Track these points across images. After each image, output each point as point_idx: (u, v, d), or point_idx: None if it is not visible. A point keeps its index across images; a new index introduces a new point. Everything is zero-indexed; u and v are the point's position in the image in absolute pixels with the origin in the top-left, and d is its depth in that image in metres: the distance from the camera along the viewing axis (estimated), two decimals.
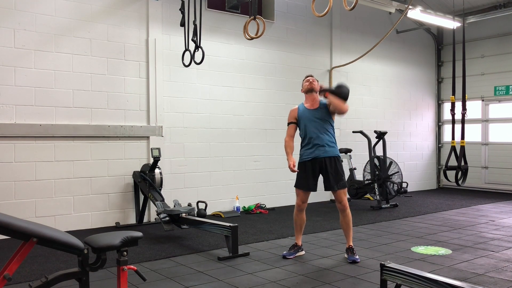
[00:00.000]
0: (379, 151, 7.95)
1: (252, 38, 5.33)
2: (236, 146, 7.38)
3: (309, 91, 4.58)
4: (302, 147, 4.57)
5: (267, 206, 7.52)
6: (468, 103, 6.21)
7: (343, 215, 4.46)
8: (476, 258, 4.42)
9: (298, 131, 4.66)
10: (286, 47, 7.97)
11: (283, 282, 3.76)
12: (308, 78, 4.65)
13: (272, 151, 7.79)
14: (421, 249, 4.80)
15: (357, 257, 4.37)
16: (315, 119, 4.48)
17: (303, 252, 4.66)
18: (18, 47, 5.52)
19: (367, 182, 7.75)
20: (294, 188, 4.59)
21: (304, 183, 4.50)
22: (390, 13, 9.01)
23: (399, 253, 4.68)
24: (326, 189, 4.53)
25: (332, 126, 4.56)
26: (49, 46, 5.71)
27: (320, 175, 4.52)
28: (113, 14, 6.19)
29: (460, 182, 6.10)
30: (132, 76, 6.34)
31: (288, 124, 4.66)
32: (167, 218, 5.30)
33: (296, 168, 4.45)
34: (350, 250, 4.45)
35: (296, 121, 4.61)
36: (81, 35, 5.94)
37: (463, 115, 6.07)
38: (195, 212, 6.01)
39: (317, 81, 4.66)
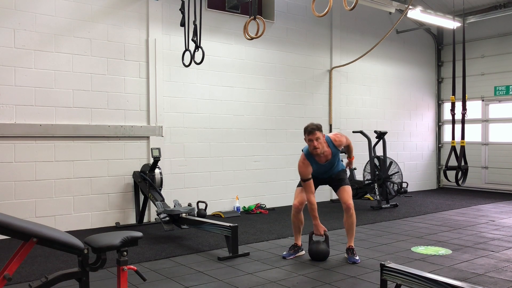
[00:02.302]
0: (379, 151, 7.95)
1: (252, 38, 5.32)
2: (236, 146, 7.38)
3: (316, 155, 4.34)
4: None
5: (267, 206, 7.52)
6: (468, 103, 6.20)
7: (348, 215, 4.44)
8: (476, 258, 4.42)
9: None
10: (286, 47, 7.97)
11: (283, 282, 3.76)
12: (311, 137, 4.22)
13: (272, 151, 7.79)
14: (421, 249, 4.80)
15: (357, 258, 4.37)
16: (327, 169, 4.50)
17: (303, 252, 4.65)
18: (18, 47, 5.51)
19: (367, 182, 7.75)
20: (296, 188, 4.60)
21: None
22: (390, 13, 9.01)
23: (399, 253, 4.68)
24: (335, 190, 4.62)
25: (339, 158, 4.58)
26: (49, 46, 5.71)
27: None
28: (113, 14, 6.19)
29: (460, 182, 6.09)
30: (132, 76, 6.34)
31: (305, 180, 4.33)
32: (167, 218, 5.30)
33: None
34: (350, 250, 4.44)
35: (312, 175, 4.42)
36: (81, 35, 5.94)
37: (463, 115, 6.06)
38: (195, 212, 6.01)
39: (319, 129, 4.24)
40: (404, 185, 7.98)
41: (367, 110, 9.20)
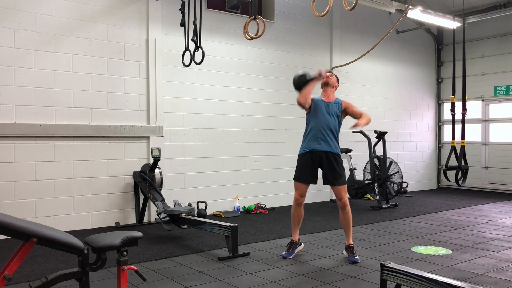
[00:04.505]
0: (379, 151, 7.95)
1: (252, 38, 5.33)
2: (236, 146, 7.38)
3: (324, 85, 4.61)
4: (304, 139, 4.58)
5: (267, 206, 7.52)
6: (468, 103, 6.22)
7: (343, 212, 4.45)
8: (476, 258, 4.42)
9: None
10: (286, 47, 7.97)
11: (283, 282, 3.76)
12: (327, 73, 4.68)
13: (272, 151, 7.79)
14: (421, 249, 4.80)
15: (357, 257, 4.37)
16: (326, 113, 4.49)
17: (302, 246, 4.66)
18: (18, 47, 5.51)
19: (367, 182, 7.75)
20: (293, 181, 4.57)
21: (303, 176, 4.50)
22: (390, 13, 9.01)
23: (399, 253, 4.68)
24: (324, 183, 4.54)
25: (339, 125, 4.58)
26: (49, 46, 5.71)
27: (320, 169, 4.53)
28: (113, 14, 6.19)
29: (460, 182, 6.11)
30: (132, 76, 6.34)
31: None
32: (167, 218, 5.30)
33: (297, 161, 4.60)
34: (350, 249, 4.44)
35: (311, 106, 4.55)
36: (81, 35, 5.94)
37: (463, 115, 6.08)
38: (195, 212, 6.01)
39: (336, 76, 4.71)
40: (404, 185, 7.98)
41: (367, 110, 9.06)
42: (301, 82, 4.48)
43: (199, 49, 5.47)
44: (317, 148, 4.44)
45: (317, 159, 4.46)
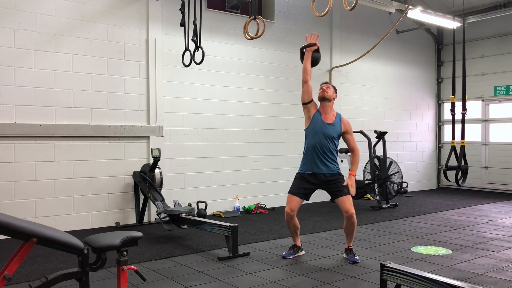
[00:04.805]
0: (379, 151, 7.95)
1: (252, 38, 5.33)
2: (236, 146, 7.38)
3: (321, 99, 4.49)
4: (303, 158, 4.51)
5: (267, 206, 7.52)
6: (468, 103, 6.21)
7: (350, 222, 4.35)
8: (476, 258, 4.42)
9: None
10: (286, 47, 7.97)
11: (283, 282, 3.76)
12: (322, 85, 4.54)
13: (272, 151, 7.79)
14: (421, 249, 4.80)
15: (357, 257, 4.37)
16: (322, 135, 4.39)
17: (303, 252, 4.65)
18: (18, 47, 5.51)
19: (367, 182, 7.75)
20: (288, 194, 4.48)
21: (298, 191, 4.43)
22: (390, 13, 9.01)
23: (399, 253, 4.68)
24: (332, 198, 4.50)
25: (337, 145, 4.51)
26: (49, 46, 5.71)
27: (321, 189, 4.51)
28: (113, 14, 6.19)
29: (460, 182, 6.10)
30: (132, 76, 6.34)
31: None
32: (167, 218, 5.30)
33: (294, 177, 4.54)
34: (349, 250, 4.44)
35: (310, 112, 4.50)
36: (81, 35, 5.94)
37: (463, 115, 6.07)
38: (195, 212, 6.01)
39: (333, 87, 4.57)
40: (404, 185, 7.98)
41: (367, 110, 9.19)
42: (300, 55, 4.75)
43: (199, 49, 5.47)
44: (318, 171, 4.39)
45: (318, 181, 4.42)
